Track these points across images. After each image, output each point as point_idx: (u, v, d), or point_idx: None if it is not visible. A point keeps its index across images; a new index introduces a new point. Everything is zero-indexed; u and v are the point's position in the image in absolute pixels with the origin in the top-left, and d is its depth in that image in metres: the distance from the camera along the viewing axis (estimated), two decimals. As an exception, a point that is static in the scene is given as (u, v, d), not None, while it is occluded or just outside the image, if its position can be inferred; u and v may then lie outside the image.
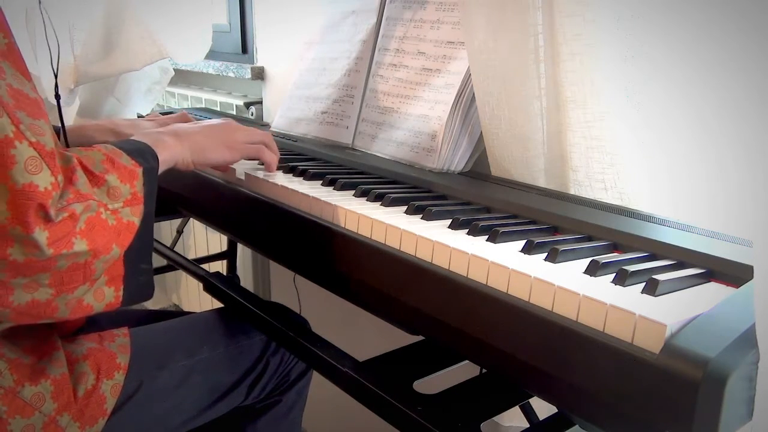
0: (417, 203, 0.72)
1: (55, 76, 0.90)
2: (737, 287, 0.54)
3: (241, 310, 0.91)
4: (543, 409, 0.83)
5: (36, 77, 1.44)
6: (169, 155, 0.74)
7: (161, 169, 0.72)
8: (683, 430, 0.42)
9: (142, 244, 0.67)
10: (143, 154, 0.69)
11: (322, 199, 0.74)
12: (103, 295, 0.66)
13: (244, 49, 1.65)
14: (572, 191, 0.81)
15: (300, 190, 0.78)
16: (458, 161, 0.93)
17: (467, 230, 0.66)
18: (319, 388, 1.04)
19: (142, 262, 0.68)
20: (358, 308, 0.77)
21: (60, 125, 0.89)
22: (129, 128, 0.99)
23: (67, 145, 0.89)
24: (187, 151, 0.77)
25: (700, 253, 0.59)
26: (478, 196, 0.78)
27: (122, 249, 0.64)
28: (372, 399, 0.68)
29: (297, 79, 1.20)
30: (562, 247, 0.58)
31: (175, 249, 1.28)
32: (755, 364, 0.43)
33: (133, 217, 0.65)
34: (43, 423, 0.67)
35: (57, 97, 0.90)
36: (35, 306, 0.60)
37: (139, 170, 0.67)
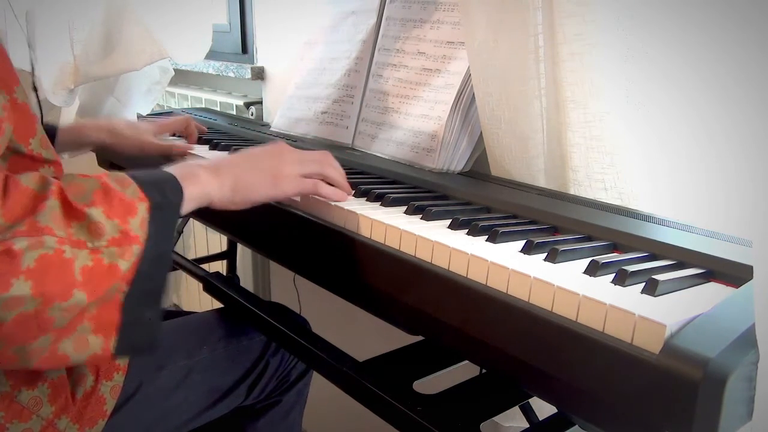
0: (417, 203, 0.72)
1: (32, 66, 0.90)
2: (737, 287, 0.54)
3: (241, 311, 0.91)
4: (543, 409, 0.83)
5: (37, 78, 1.44)
6: (201, 191, 0.64)
7: (189, 205, 0.63)
8: (683, 430, 0.42)
9: (149, 290, 0.57)
10: (160, 185, 0.59)
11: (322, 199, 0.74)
12: (87, 344, 0.55)
13: (244, 49, 1.65)
14: (572, 191, 0.81)
15: (300, 190, 0.78)
16: (458, 161, 0.93)
17: (467, 230, 0.66)
18: (319, 388, 1.04)
19: (148, 310, 0.58)
20: (358, 308, 0.77)
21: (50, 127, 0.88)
22: (128, 129, 0.99)
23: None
24: (227, 189, 0.67)
25: (700, 253, 0.58)
26: (478, 196, 0.78)
27: (92, 297, 0.53)
28: (372, 399, 0.68)
29: (297, 79, 1.20)
30: (561, 247, 0.58)
31: (175, 249, 1.28)
32: (755, 364, 0.43)
33: (119, 259, 0.54)
34: (41, 426, 0.67)
35: (34, 89, 0.90)
36: None
37: (142, 205, 0.56)
